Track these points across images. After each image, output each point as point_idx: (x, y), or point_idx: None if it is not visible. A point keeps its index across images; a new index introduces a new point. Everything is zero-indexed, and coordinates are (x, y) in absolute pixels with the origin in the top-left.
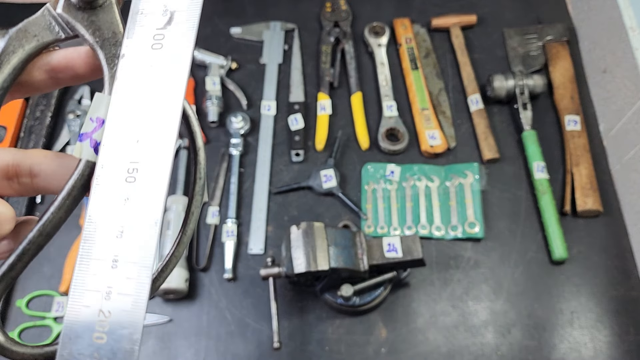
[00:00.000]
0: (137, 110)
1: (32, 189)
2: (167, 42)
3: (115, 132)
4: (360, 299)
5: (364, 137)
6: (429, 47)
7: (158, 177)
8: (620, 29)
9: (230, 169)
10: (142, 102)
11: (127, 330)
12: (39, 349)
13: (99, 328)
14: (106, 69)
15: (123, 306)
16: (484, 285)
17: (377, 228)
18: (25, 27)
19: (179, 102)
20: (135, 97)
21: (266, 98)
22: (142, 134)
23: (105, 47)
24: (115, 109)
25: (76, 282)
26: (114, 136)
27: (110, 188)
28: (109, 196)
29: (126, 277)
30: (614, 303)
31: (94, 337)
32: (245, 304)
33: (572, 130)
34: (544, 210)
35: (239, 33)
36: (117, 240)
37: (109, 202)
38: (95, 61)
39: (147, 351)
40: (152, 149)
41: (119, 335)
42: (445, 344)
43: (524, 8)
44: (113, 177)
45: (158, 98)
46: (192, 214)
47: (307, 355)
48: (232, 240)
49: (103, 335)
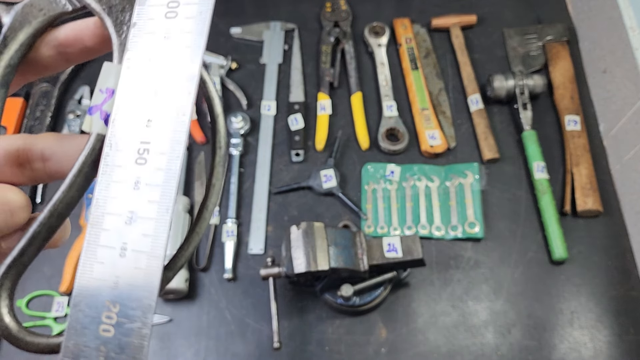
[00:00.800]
0: (149, 84)
1: (45, 175)
2: (183, 10)
3: (125, 108)
4: (360, 299)
5: (364, 137)
6: (429, 47)
7: (171, 159)
8: (620, 29)
9: (230, 169)
10: (155, 75)
11: (135, 324)
12: (44, 338)
13: (106, 320)
14: (115, 36)
15: (131, 297)
16: (484, 285)
17: (377, 228)
18: (31, 1)
19: (194, 76)
20: (147, 69)
21: (266, 98)
22: (154, 111)
23: (113, 13)
24: (125, 82)
25: (83, 270)
26: (124, 113)
27: (119, 170)
28: (117, 179)
29: (134, 267)
30: (614, 303)
31: (101, 329)
32: (245, 304)
33: (572, 130)
34: (544, 210)
35: (239, 33)
36: (126, 227)
37: (117, 185)
38: (104, 32)
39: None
40: (165, 127)
41: (127, 329)
42: (445, 344)
43: (524, 8)
44: (122, 159)
45: (172, 71)
46: (213, 187)
47: (307, 355)
48: (232, 240)
49: (110, 327)
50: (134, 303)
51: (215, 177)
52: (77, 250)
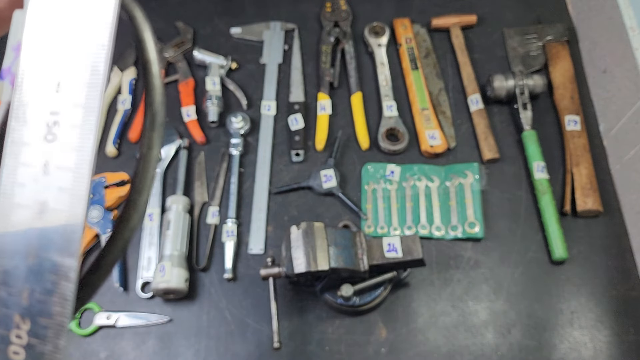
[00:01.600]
0: (57, 35)
1: None
2: None
3: (31, 69)
4: (360, 299)
5: (364, 137)
6: (429, 47)
7: (83, 133)
8: (620, 29)
9: (230, 169)
10: (63, 22)
11: (47, 346)
12: None
13: (15, 340)
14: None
15: (43, 312)
16: (484, 285)
17: (377, 228)
18: None
19: (108, 23)
20: (54, 16)
21: (266, 98)
22: (65, 71)
23: None
24: (31, 32)
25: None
26: (30, 75)
27: (24, 148)
28: (24, 160)
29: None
30: (614, 303)
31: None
32: (245, 304)
33: (572, 130)
34: (544, 210)
35: (239, 33)
36: (35, 220)
37: (25, 169)
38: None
39: (148, 351)
40: (77, 94)
41: (39, 353)
42: (445, 344)
43: (524, 8)
44: (28, 135)
45: (83, 17)
46: (143, 159)
47: (307, 355)
48: (232, 240)
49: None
50: (45, 320)
51: (146, 146)
52: None
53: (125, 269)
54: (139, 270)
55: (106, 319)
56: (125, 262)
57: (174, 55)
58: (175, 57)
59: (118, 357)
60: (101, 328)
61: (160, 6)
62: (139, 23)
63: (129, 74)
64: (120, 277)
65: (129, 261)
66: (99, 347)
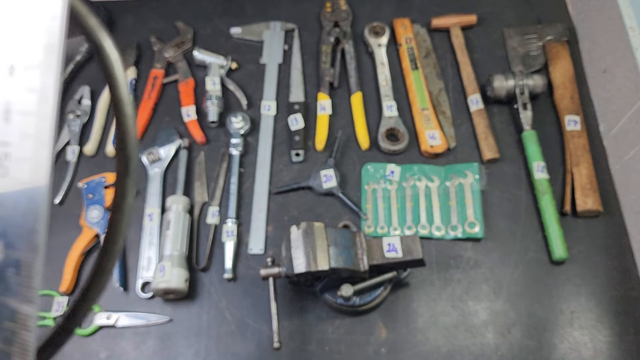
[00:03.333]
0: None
1: None
2: None
3: None
4: (360, 299)
5: (364, 137)
6: (429, 47)
7: (41, 124)
8: (620, 29)
9: (230, 169)
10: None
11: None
12: None
13: None
14: None
15: None
16: (484, 285)
17: (377, 228)
18: None
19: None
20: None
21: (266, 98)
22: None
23: None
24: None
25: None
26: None
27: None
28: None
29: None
30: (614, 303)
31: None
32: (245, 304)
33: (572, 130)
34: (544, 210)
35: (239, 33)
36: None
37: None
38: None
39: (148, 351)
40: (28, 79)
41: None
42: (445, 344)
43: (524, 8)
44: None
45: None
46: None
47: (307, 355)
48: (232, 240)
49: None
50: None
51: (119, 195)
52: (77, 251)
53: (125, 269)
54: (139, 270)
55: (106, 319)
56: (126, 262)
57: (174, 55)
58: (175, 57)
59: (118, 357)
60: (101, 328)
61: (160, 6)
62: (107, 55)
63: (128, 73)
64: (121, 277)
65: (129, 261)
66: (99, 347)
